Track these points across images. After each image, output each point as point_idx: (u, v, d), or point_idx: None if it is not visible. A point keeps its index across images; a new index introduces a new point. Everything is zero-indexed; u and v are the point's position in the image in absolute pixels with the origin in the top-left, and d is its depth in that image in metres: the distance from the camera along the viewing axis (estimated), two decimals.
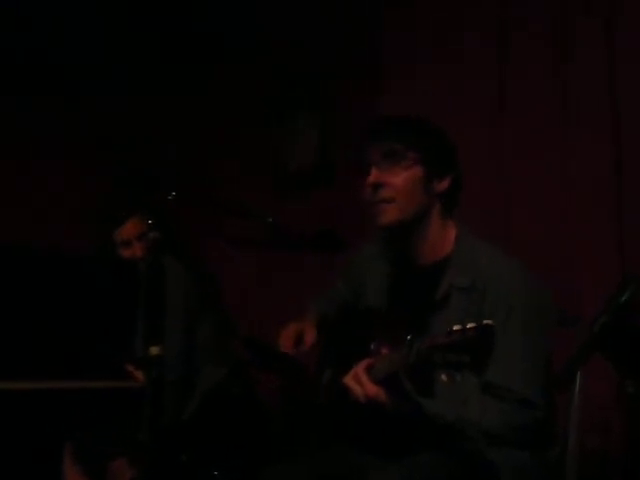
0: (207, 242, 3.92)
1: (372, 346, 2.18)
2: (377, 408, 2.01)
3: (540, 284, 2.18)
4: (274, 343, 2.36)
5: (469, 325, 1.77)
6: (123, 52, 4.30)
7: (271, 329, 2.44)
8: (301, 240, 2.40)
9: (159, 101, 4.32)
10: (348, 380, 2.05)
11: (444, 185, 2.23)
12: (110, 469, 3.09)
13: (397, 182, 2.19)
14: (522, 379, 2.03)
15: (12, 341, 3.34)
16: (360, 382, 2.02)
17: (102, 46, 4.27)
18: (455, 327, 1.79)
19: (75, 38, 4.18)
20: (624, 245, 2.80)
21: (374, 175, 2.21)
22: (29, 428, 3.31)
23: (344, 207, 3.35)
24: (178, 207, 2.25)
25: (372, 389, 1.99)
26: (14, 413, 3.23)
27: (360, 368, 2.04)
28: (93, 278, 3.67)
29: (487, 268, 2.15)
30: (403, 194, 2.20)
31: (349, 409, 2.18)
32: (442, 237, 2.25)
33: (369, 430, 2.20)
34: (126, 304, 3.42)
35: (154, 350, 2.17)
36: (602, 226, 2.84)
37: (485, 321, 1.76)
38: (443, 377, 1.81)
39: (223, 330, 3.31)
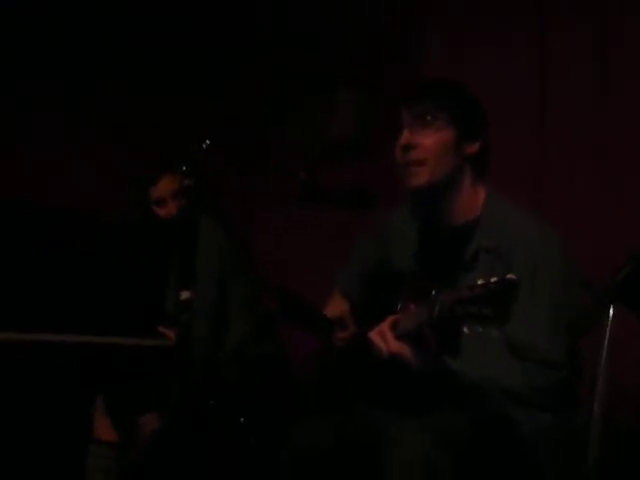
0: (240, 197, 3.95)
1: (399, 305, 2.21)
2: (400, 364, 2.03)
3: (567, 249, 2.18)
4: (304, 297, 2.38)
5: (492, 279, 1.79)
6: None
7: (303, 285, 2.47)
8: (333, 196, 2.41)
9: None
10: (373, 335, 2.07)
11: (474, 148, 2.24)
12: (140, 423, 3.13)
13: (428, 143, 2.21)
14: (546, 340, 2.04)
15: (54, 296, 3.42)
16: (384, 338, 2.04)
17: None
18: (479, 281, 1.80)
19: None
20: None
21: (405, 137, 2.23)
22: (63, 380, 3.40)
23: (378, 178, 3.37)
24: (212, 157, 2.27)
25: (395, 345, 2.01)
26: (50, 365, 3.31)
27: (385, 324, 2.06)
28: (130, 240, 3.74)
29: (515, 230, 2.16)
30: (434, 156, 2.21)
31: (374, 366, 2.20)
32: (472, 199, 2.26)
33: (392, 387, 2.22)
34: (160, 265, 3.48)
35: (185, 295, 2.20)
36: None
37: (508, 275, 1.77)
38: (465, 330, 1.83)
39: (256, 289, 3.33)
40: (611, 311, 2.11)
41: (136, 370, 3.27)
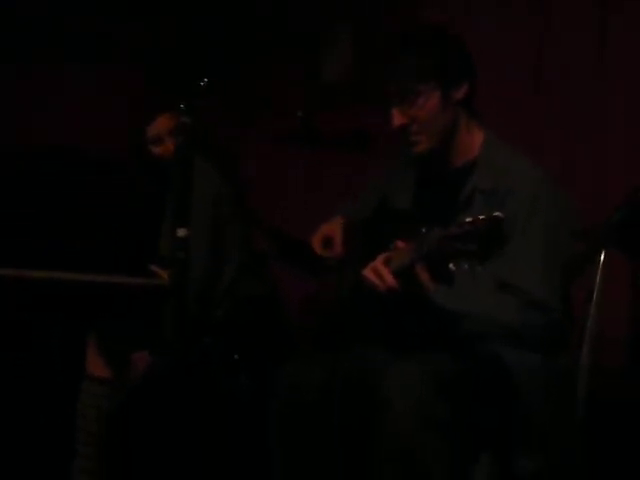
0: (238, 137, 3.93)
1: (393, 245, 2.22)
2: (395, 300, 2.05)
3: (563, 191, 2.19)
4: (297, 236, 2.39)
5: (481, 217, 1.83)
6: None
7: (300, 226, 2.47)
8: (331, 138, 2.40)
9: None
10: (367, 272, 2.08)
11: (462, 92, 2.24)
12: (132, 360, 3.15)
13: (419, 116, 2.22)
14: (540, 281, 2.06)
15: (46, 232, 3.42)
16: (379, 273, 2.05)
17: None
18: (467, 219, 1.85)
19: None
20: None
21: (396, 118, 2.24)
22: (56, 316, 3.40)
23: (377, 120, 3.36)
24: (210, 95, 2.25)
25: (390, 280, 2.03)
26: (42, 301, 3.31)
27: (379, 261, 2.08)
28: (124, 178, 3.73)
29: (511, 171, 2.17)
30: (428, 124, 2.23)
31: (368, 305, 2.22)
32: (469, 141, 2.27)
33: (387, 327, 2.25)
34: (154, 206, 3.46)
35: (181, 232, 2.20)
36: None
37: (495, 213, 1.80)
38: (451, 266, 1.86)
39: (250, 229, 3.33)
40: (602, 256, 2.16)
41: (129, 308, 3.28)
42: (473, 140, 2.28)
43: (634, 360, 2.04)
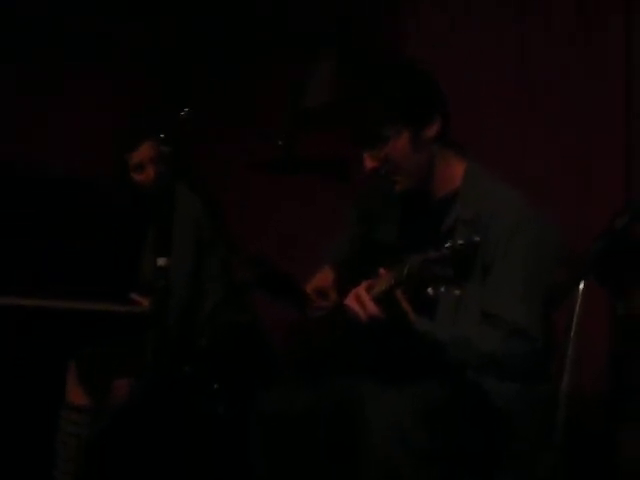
0: (219, 164, 3.94)
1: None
2: (377, 327, 2.05)
3: (545, 220, 2.20)
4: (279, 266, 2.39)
5: (459, 241, 1.84)
6: None
7: (280, 254, 2.47)
8: (311, 166, 2.41)
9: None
10: (349, 300, 2.09)
11: (434, 129, 2.22)
12: (113, 387, 3.14)
13: (391, 159, 2.21)
14: (522, 309, 2.06)
15: (26, 259, 3.41)
16: (360, 301, 2.05)
17: None
18: (446, 244, 1.87)
19: None
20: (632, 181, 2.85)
21: (368, 162, 2.24)
22: (36, 344, 3.39)
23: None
24: (191, 124, 2.26)
25: (372, 306, 2.03)
26: (22, 329, 3.30)
27: (360, 288, 2.08)
28: (105, 204, 3.73)
29: (492, 202, 2.17)
30: (401, 165, 2.22)
31: (350, 335, 2.22)
32: (449, 173, 2.27)
33: (369, 357, 2.24)
34: (135, 232, 3.46)
35: (161, 261, 2.20)
36: (612, 163, 2.89)
37: (474, 237, 1.83)
38: (429, 291, 1.87)
39: (231, 258, 3.33)
40: (581, 285, 2.17)
41: (109, 335, 3.27)
42: (454, 171, 2.27)
43: (613, 389, 2.04)
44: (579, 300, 2.19)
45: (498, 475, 2.10)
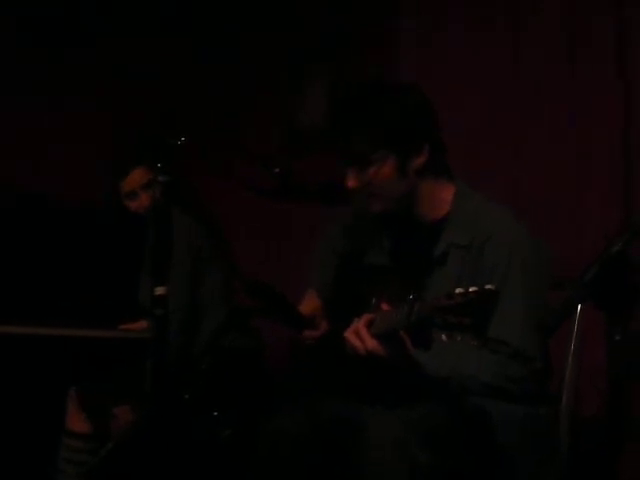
0: (215, 191, 3.94)
1: (373, 302, 2.22)
2: (376, 362, 2.05)
3: (539, 241, 2.21)
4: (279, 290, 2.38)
5: (471, 289, 1.79)
6: None
7: (276, 278, 2.47)
8: (307, 191, 2.41)
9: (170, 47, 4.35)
10: (349, 334, 2.08)
11: (422, 159, 2.19)
12: (113, 415, 3.14)
13: (373, 183, 2.19)
14: (519, 333, 2.06)
15: (22, 286, 3.40)
16: (360, 336, 2.04)
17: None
18: (457, 290, 1.81)
19: None
20: (631, 200, 2.86)
21: (350, 181, 2.22)
22: (35, 373, 3.38)
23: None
24: (187, 153, 2.26)
25: (372, 343, 2.02)
26: (21, 358, 3.29)
27: (361, 323, 2.06)
28: (100, 230, 3.73)
29: (486, 225, 2.17)
30: (383, 190, 2.20)
31: (349, 362, 2.21)
32: (438, 198, 2.25)
33: (368, 383, 2.23)
34: (132, 257, 3.46)
35: (159, 290, 2.20)
36: (608, 182, 2.89)
37: (487, 286, 1.78)
38: (443, 337, 1.84)
39: (230, 283, 3.33)
40: (579, 309, 2.17)
41: (109, 362, 3.27)
42: (442, 197, 2.25)
43: (611, 410, 2.04)
44: (577, 321, 2.20)
45: None
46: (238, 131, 4.18)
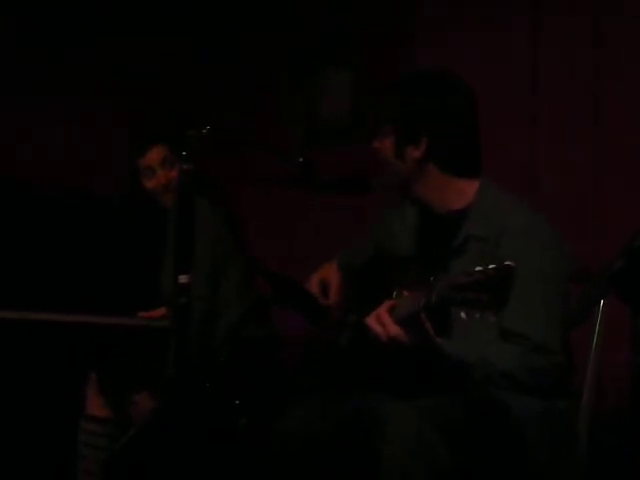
0: (238, 182, 3.96)
1: (395, 290, 2.23)
2: (398, 349, 2.05)
3: (558, 234, 2.21)
4: (298, 281, 2.40)
5: (490, 266, 1.80)
6: None
7: (299, 271, 2.48)
8: (331, 181, 2.42)
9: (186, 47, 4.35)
10: (370, 320, 2.08)
11: (418, 152, 2.24)
12: (133, 401, 3.15)
13: (379, 151, 2.32)
14: (540, 326, 2.07)
15: (45, 274, 3.43)
16: (382, 322, 2.05)
17: None
18: (477, 268, 1.82)
19: None
20: None
21: (375, 141, 2.34)
22: (55, 358, 3.41)
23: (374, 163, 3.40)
24: (211, 142, 2.27)
25: (394, 329, 2.03)
26: (42, 344, 3.32)
27: (382, 309, 2.07)
28: (123, 219, 3.75)
29: (505, 218, 2.18)
30: (385, 162, 2.31)
31: (369, 350, 2.22)
32: (454, 192, 2.27)
33: (388, 372, 2.24)
34: (154, 246, 3.48)
35: (183, 278, 2.21)
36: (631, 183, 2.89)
37: (506, 262, 1.79)
38: (462, 315, 1.84)
39: (250, 273, 3.34)
40: (601, 303, 2.17)
41: (129, 348, 3.29)
42: (461, 190, 2.27)
43: (634, 405, 2.04)
44: (600, 315, 2.19)
45: None
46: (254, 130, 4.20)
